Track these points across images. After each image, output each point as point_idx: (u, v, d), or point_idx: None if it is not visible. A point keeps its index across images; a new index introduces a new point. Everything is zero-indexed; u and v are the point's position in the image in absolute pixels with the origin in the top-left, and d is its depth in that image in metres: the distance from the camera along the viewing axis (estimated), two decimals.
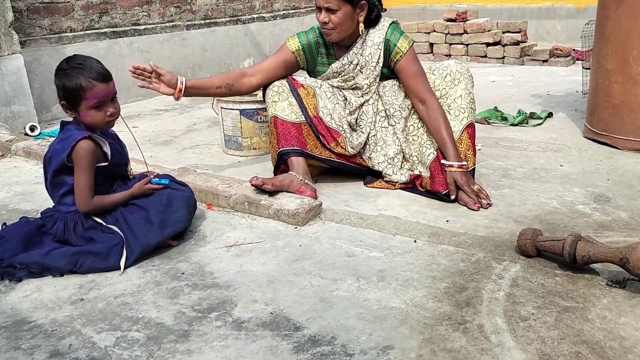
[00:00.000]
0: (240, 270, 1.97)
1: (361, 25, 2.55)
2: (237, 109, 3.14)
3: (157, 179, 2.25)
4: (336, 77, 2.68)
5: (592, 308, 1.65)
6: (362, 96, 2.66)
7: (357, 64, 2.62)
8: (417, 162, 2.63)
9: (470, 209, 2.36)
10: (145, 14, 5.01)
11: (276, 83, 2.63)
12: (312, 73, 2.76)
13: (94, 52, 4.54)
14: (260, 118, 3.16)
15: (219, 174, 2.84)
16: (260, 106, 3.12)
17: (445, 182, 2.47)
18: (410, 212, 2.37)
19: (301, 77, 2.73)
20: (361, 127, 2.67)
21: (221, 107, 3.22)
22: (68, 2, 4.44)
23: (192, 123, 4.13)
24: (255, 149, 3.23)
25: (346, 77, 2.65)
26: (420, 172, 2.60)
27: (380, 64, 2.61)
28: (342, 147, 2.61)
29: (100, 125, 2.12)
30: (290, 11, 6.53)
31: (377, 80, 2.65)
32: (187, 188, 2.30)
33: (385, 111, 2.67)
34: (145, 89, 2.55)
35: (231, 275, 1.94)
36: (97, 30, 4.63)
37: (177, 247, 2.17)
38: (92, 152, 2.06)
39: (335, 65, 2.64)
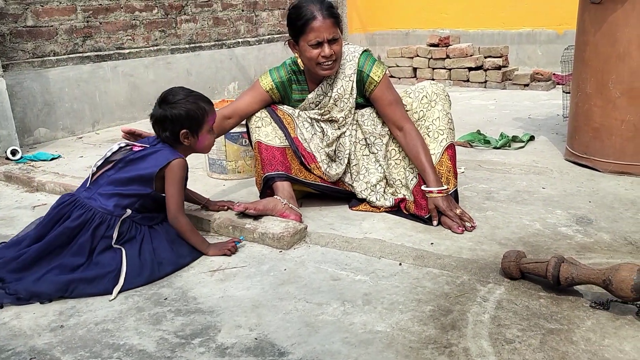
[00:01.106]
0: (224, 295, 1.95)
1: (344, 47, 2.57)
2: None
3: (238, 241, 2.33)
4: (313, 109, 2.67)
5: (576, 330, 1.65)
6: (339, 128, 2.65)
7: (331, 96, 2.60)
8: (401, 185, 2.63)
9: (454, 232, 2.37)
10: (130, 37, 5.02)
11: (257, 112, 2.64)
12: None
13: (77, 76, 4.54)
14: (245, 141, 3.16)
15: None
16: (245, 130, 3.11)
17: (426, 206, 2.47)
18: (395, 235, 2.37)
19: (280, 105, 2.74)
20: (339, 158, 2.67)
21: None
22: (52, 26, 4.44)
23: None
24: (240, 172, 3.23)
25: (322, 110, 2.64)
26: (404, 195, 2.61)
27: (354, 95, 2.60)
28: (320, 170, 2.62)
29: (208, 150, 2.39)
30: (275, 36, 6.59)
31: (352, 111, 2.64)
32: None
33: (366, 140, 2.67)
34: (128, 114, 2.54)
35: (215, 300, 1.92)
36: (80, 54, 4.63)
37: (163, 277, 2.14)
38: (185, 169, 2.24)
39: (311, 96, 2.62)
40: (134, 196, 2.17)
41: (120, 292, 1.99)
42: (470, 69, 6.10)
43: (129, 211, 2.15)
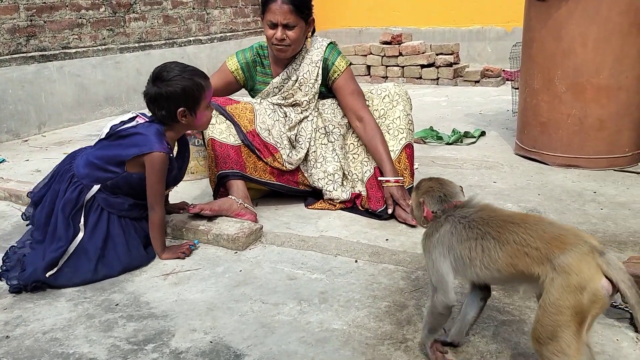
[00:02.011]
0: (177, 299, 1.91)
1: (308, 40, 2.61)
2: None
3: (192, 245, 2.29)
4: (276, 94, 2.68)
5: (527, 320, 1.69)
6: (302, 112, 2.67)
7: (296, 80, 2.64)
8: (358, 180, 2.65)
9: (408, 225, 2.39)
10: (76, 37, 4.87)
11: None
12: (252, 91, 2.76)
13: (21, 77, 4.38)
14: (198, 141, 3.11)
15: None
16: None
17: (381, 199, 2.50)
18: (351, 233, 2.37)
19: (239, 97, 2.73)
20: (300, 143, 2.66)
21: None
22: None
23: None
24: (193, 173, 3.17)
25: (286, 94, 2.66)
26: (360, 191, 2.62)
27: (319, 82, 2.64)
28: (279, 163, 2.60)
29: (207, 126, 2.31)
30: (228, 34, 6.52)
31: (316, 97, 2.67)
32: None
33: (325, 128, 2.68)
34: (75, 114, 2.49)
35: (168, 305, 1.87)
36: (24, 54, 4.46)
37: (110, 277, 2.08)
38: (166, 164, 2.14)
39: (276, 80, 2.65)
40: (108, 171, 2.15)
41: (58, 286, 2.01)
42: (422, 66, 6.18)
43: (95, 187, 2.14)
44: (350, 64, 2.69)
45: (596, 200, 2.63)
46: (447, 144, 3.72)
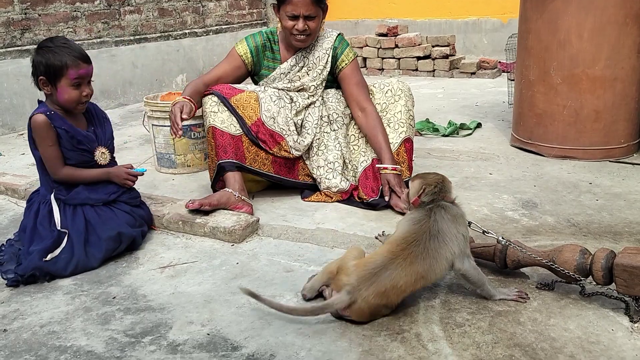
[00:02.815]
0: (175, 291, 1.92)
1: (322, 27, 2.65)
2: (169, 126, 3.06)
3: (138, 168, 2.33)
4: (282, 80, 2.69)
5: (523, 311, 1.69)
6: (309, 97, 2.69)
7: (304, 66, 2.67)
8: (357, 170, 2.67)
9: (404, 214, 2.40)
10: (71, 30, 4.85)
11: (212, 96, 2.59)
12: (257, 76, 2.77)
13: (16, 70, 4.36)
14: (194, 134, 3.11)
15: (152, 193, 2.77)
16: (193, 122, 3.06)
17: (377, 189, 2.54)
18: (347, 225, 2.37)
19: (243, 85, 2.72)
20: (306, 129, 2.68)
21: (152, 124, 3.15)
22: None
23: (123, 141, 4.01)
24: (190, 166, 3.17)
25: (293, 77, 2.68)
26: (357, 182, 2.63)
27: (327, 69, 2.68)
28: (285, 151, 2.60)
29: (73, 104, 2.19)
30: (223, 26, 6.49)
31: (323, 84, 2.70)
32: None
33: (328, 117, 2.70)
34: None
35: (165, 297, 1.88)
36: (19, 48, 4.44)
37: (108, 270, 2.09)
38: (47, 125, 2.13)
39: (284, 66, 2.68)
40: (38, 163, 2.22)
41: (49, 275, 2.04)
42: (418, 58, 6.17)
43: (50, 197, 2.20)
44: (357, 56, 2.71)
45: (592, 191, 2.64)
46: (444, 135, 3.73)
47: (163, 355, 1.57)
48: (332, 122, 2.70)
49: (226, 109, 2.56)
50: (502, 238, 1.86)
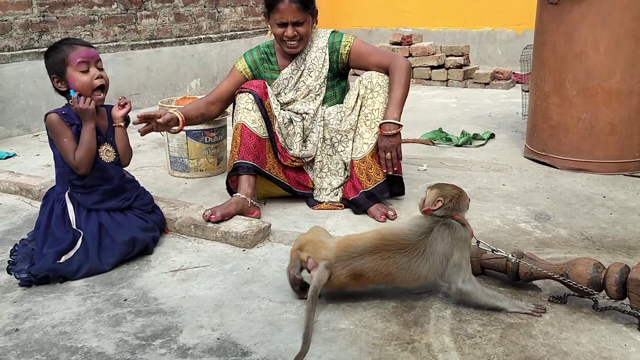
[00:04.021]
0: (186, 295, 1.92)
1: (313, 31, 2.65)
2: (183, 130, 3.08)
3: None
4: (286, 86, 2.69)
5: (535, 324, 1.68)
6: (315, 98, 2.68)
7: (304, 69, 2.68)
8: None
9: (377, 221, 2.48)
10: (88, 33, 4.90)
11: (249, 94, 2.59)
12: None
13: (33, 72, 4.41)
14: (207, 139, 3.13)
15: (164, 196, 2.78)
16: (206, 127, 3.08)
17: (359, 185, 2.56)
18: (358, 232, 2.36)
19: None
20: (309, 143, 2.70)
21: None
22: (6, 20, 4.30)
23: (137, 144, 4.03)
24: (202, 170, 3.18)
25: (297, 84, 2.69)
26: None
27: (327, 67, 2.66)
28: (291, 160, 2.65)
29: (88, 91, 2.17)
30: (238, 32, 6.53)
31: (326, 82, 2.68)
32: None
33: (331, 139, 2.69)
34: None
35: (176, 301, 1.88)
36: (36, 50, 4.49)
37: (120, 272, 2.10)
38: (59, 121, 2.17)
39: (285, 72, 2.68)
40: (56, 160, 2.26)
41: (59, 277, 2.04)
42: (432, 67, 6.16)
43: (64, 196, 2.22)
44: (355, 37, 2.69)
45: (605, 205, 2.62)
46: (456, 145, 3.72)
47: (173, 358, 1.57)
48: (335, 144, 2.68)
49: (259, 110, 2.58)
50: (512, 256, 1.85)
